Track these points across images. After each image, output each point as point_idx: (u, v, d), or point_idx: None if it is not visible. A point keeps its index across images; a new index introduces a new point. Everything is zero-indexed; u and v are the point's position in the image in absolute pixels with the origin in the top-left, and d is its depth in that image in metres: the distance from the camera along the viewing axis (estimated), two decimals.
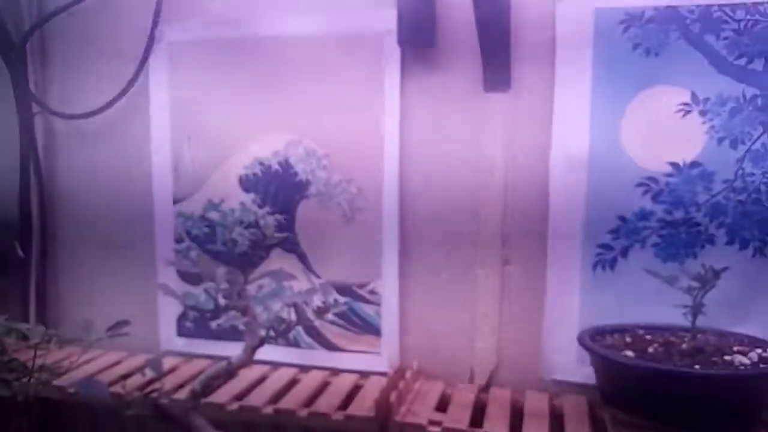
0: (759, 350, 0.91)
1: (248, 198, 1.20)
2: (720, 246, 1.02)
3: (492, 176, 1.10)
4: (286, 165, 1.18)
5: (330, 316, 1.19)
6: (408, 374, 1.11)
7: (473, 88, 1.08)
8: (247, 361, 0.92)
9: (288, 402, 1.06)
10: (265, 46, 1.16)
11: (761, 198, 0.99)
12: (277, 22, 1.16)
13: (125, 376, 1.12)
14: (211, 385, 0.94)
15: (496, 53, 1.02)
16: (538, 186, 1.09)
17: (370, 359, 1.19)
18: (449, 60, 1.09)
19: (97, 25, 1.26)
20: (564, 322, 1.09)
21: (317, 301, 1.18)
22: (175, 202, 1.25)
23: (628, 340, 0.98)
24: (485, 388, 1.14)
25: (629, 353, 0.91)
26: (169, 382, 1.13)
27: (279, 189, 1.19)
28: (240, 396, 1.07)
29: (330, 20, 1.13)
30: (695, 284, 0.90)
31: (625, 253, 1.06)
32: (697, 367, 0.86)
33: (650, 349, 0.93)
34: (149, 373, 0.92)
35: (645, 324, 1.03)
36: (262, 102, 1.17)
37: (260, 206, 1.20)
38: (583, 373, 1.06)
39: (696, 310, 0.91)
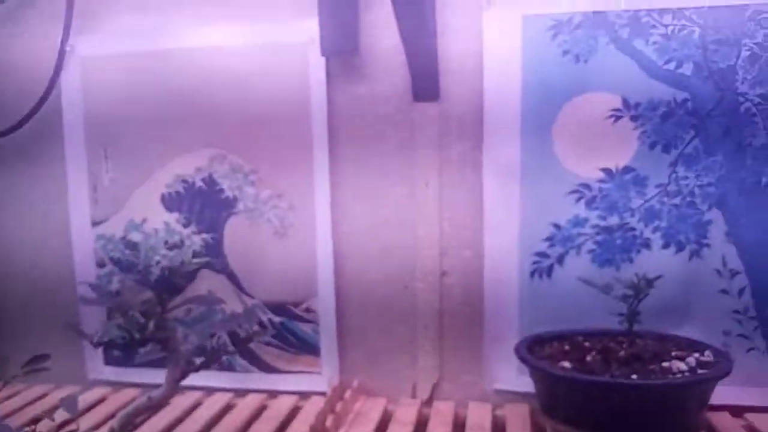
0: (696, 354, 0.91)
1: (172, 217, 1.14)
2: (656, 250, 1.01)
3: (426, 187, 1.07)
4: (210, 181, 1.12)
5: (266, 336, 1.15)
6: (348, 393, 1.07)
7: (402, 97, 1.05)
8: (169, 394, 0.87)
9: (221, 431, 1.01)
10: (185, 58, 1.09)
11: (695, 201, 0.99)
12: (196, 33, 1.09)
13: (38, 419, 1.05)
14: (131, 422, 0.88)
15: (423, 64, 0.98)
16: (473, 194, 1.06)
17: (310, 379, 1.14)
18: (375, 68, 1.05)
19: (6, 38, 1.17)
20: (504, 331, 1.07)
21: (249, 323, 1.15)
22: (95, 224, 1.17)
23: (566, 348, 0.96)
24: (428, 403, 1.11)
25: (566, 364, 0.90)
26: (94, 416, 1.06)
27: (204, 207, 1.12)
28: (168, 429, 1.01)
29: (251, 30, 1.07)
30: (629, 292, 0.88)
31: (561, 260, 1.04)
32: (634, 376, 0.84)
33: (588, 358, 0.91)
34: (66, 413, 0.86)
35: (584, 330, 1.01)
36: (182, 116, 1.11)
37: (185, 226, 1.13)
38: (525, 381, 1.03)
39: (631, 318, 0.89)
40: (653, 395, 0.82)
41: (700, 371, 0.86)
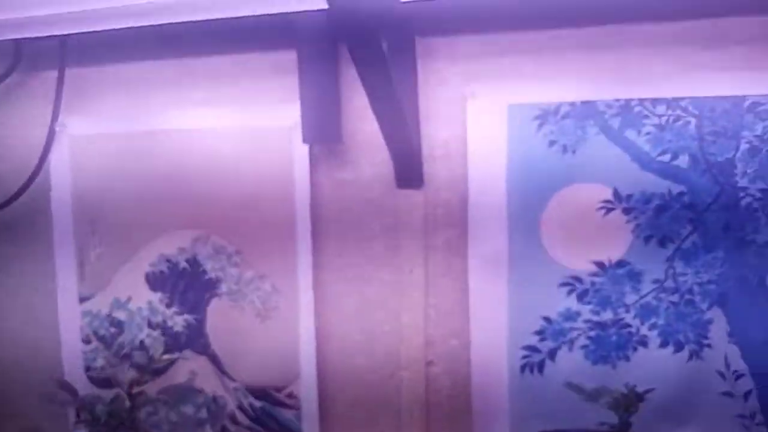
0: None
1: (156, 297, 1.12)
2: (653, 348, 0.95)
3: (411, 273, 1.03)
4: (194, 262, 1.10)
5: (247, 421, 1.12)
6: None
7: (386, 184, 1.02)
8: None
9: None
10: (171, 139, 1.09)
11: (695, 299, 0.93)
12: (183, 116, 1.09)
13: None
14: None
15: (405, 152, 0.95)
16: (459, 282, 1.02)
17: None
18: (359, 154, 1.03)
19: None
20: (493, 427, 1.01)
21: (232, 405, 1.12)
22: (81, 300, 1.16)
23: None
24: None
25: None
26: None
27: (188, 287, 1.11)
28: None
29: (237, 114, 1.06)
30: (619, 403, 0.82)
31: (552, 355, 0.98)
32: None
33: None
34: None
35: (576, 430, 0.96)
36: (168, 196, 1.10)
37: (168, 306, 1.12)
38: None
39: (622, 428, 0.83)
40: None
41: None
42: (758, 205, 0.88)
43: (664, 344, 0.94)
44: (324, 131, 0.98)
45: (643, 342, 0.95)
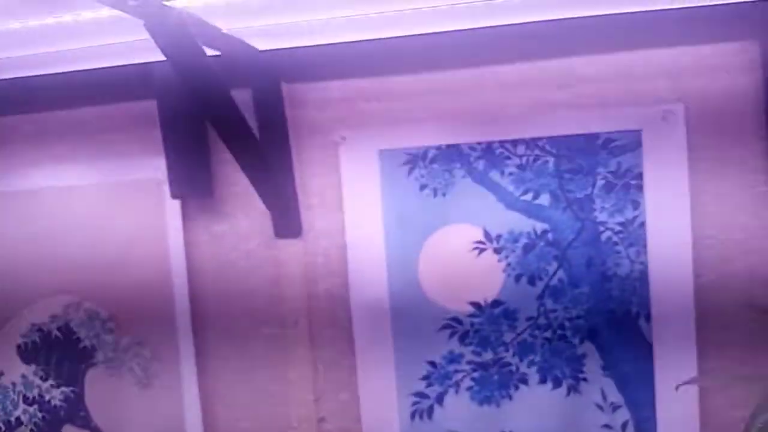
0: None
1: (30, 369, 1.06)
2: (533, 385, 0.96)
3: (295, 325, 1.01)
4: (67, 330, 1.04)
5: None
6: None
7: (264, 234, 1.00)
8: None
9: None
10: (34, 199, 1.04)
11: (566, 334, 0.94)
12: (45, 173, 1.04)
13: None
14: None
15: (279, 202, 0.94)
16: (345, 332, 1.00)
17: None
18: (234, 206, 1.01)
19: None
20: None
21: None
22: None
23: None
24: None
25: None
26: None
27: (62, 358, 1.05)
28: None
29: (101, 168, 1.03)
30: None
31: (440, 399, 0.98)
32: None
33: None
34: None
35: None
36: (34, 260, 1.04)
37: (43, 379, 1.05)
38: None
39: None
40: None
41: None
42: (617, 238, 0.92)
43: (542, 380, 0.95)
44: (193, 185, 0.96)
45: (524, 379, 0.96)
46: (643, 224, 0.90)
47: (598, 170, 0.92)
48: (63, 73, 0.91)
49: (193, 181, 0.96)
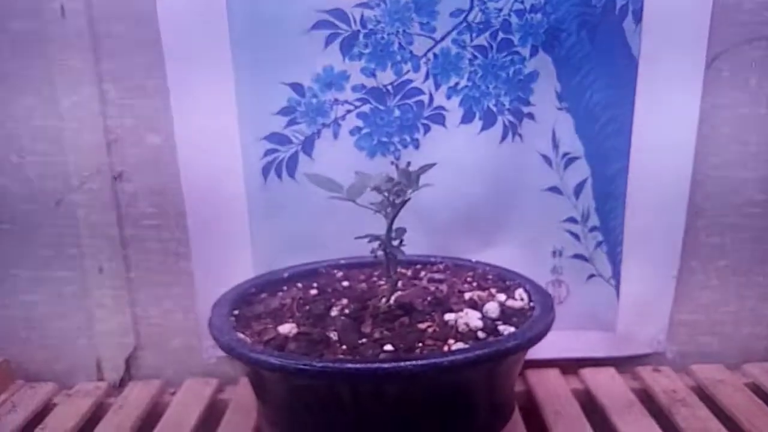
0: (502, 296, 0.55)
1: None
2: (453, 126, 0.62)
3: None
4: None
5: None
6: None
7: None
8: None
9: None
10: None
11: (512, 39, 0.60)
12: None
13: None
14: None
15: None
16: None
17: None
18: None
19: None
20: (240, 265, 0.65)
21: None
22: None
23: (301, 296, 0.57)
24: (119, 386, 0.69)
25: (289, 328, 0.50)
26: None
27: None
28: None
29: None
30: (387, 196, 0.49)
31: (308, 146, 0.63)
32: (389, 348, 0.46)
33: (334, 312, 0.53)
34: None
35: (334, 262, 0.63)
36: None
37: None
38: None
39: (387, 240, 0.50)
40: (410, 386, 0.44)
41: (503, 327, 0.49)
42: None
43: (468, 118, 0.62)
44: None
45: (440, 116, 0.62)
46: None
47: None
48: None
49: None
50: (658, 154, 0.63)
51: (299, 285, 0.60)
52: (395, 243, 0.50)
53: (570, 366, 0.69)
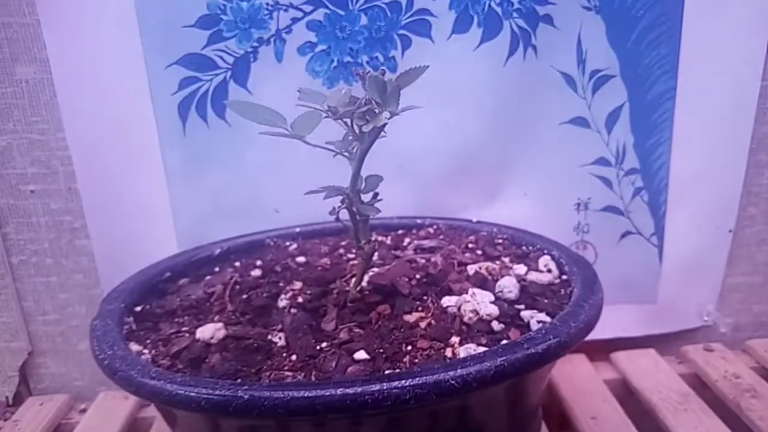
0: (522, 266, 0.39)
1: None
2: (442, 39, 0.45)
3: None
4: None
5: None
6: None
7: None
8: None
9: None
10: None
11: None
12: None
13: None
14: None
15: None
16: None
17: None
18: None
19: None
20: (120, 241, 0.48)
21: None
22: None
23: (240, 278, 0.41)
24: (12, 403, 0.53)
25: (217, 329, 0.33)
26: None
27: None
28: None
29: None
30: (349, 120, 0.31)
31: (241, 71, 0.45)
32: (361, 356, 0.30)
33: (282, 305, 0.36)
34: None
35: (286, 230, 0.47)
36: None
37: None
38: None
39: (353, 196, 0.33)
40: (396, 420, 0.28)
41: (528, 314, 0.33)
42: None
43: (462, 25, 0.45)
44: None
45: (423, 24, 0.45)
46: None
47: None
48: None
49: None
50: (716, 69, 0.47)
51: (236, 264, 0.43)
52: (365, 197, 0.33)
53: (599, 349, 0.54)
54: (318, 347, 0.32)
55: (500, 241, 0.43)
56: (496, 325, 0.33)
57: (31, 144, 0.47)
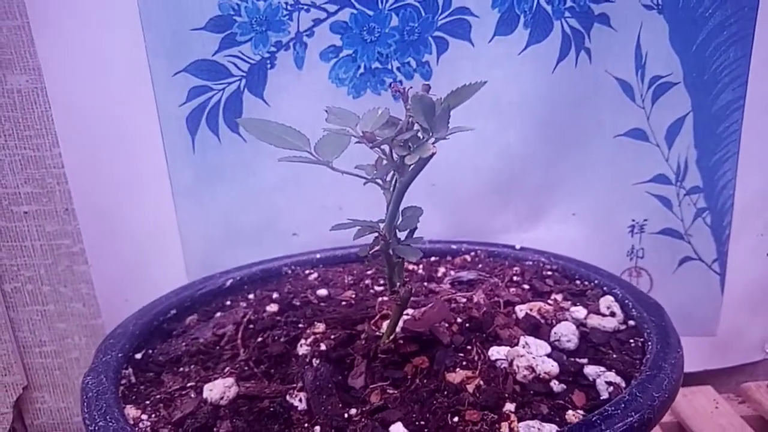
0: (581, 308, 0.33)
1: None
2: (483, 43, 0.40)
3: None
4: None
5: None
6: None
7: None
8: None
9: None
10: None
11: None
12: None
13: None
14: None
15: None
16: None
17: None
18: None
19: None
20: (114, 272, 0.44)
21: None
22: None
23: (254, 315, 0.36)
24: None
25: (227, 386, 0.29)
26: None
27: None
28: None
29: None
30: (390, 137, 0.26)
31: (255, 80, 0.40)
32: (397, 429, 0.25)
33: (302, 352, 0.31)
34: None
35: (306, 256, 0.42)
36: None
37: None
38: None
39: (389, 234, 0.28)
40: None
41: (592, 370, 0.28)
42: None
43: (507, 25, 0.40)
44: None
45: (461, 25, 0.40)
46: None
47: None
48: None
49: None
50: None
51: (250, 297, 0.38)
52: (402, 235, 0.28)
53: None
54: (345, 414, 0.27)
55: (549, 273, 0.38)
56: (556, 386, 0.28)
57: (25, 161, 0.42)
